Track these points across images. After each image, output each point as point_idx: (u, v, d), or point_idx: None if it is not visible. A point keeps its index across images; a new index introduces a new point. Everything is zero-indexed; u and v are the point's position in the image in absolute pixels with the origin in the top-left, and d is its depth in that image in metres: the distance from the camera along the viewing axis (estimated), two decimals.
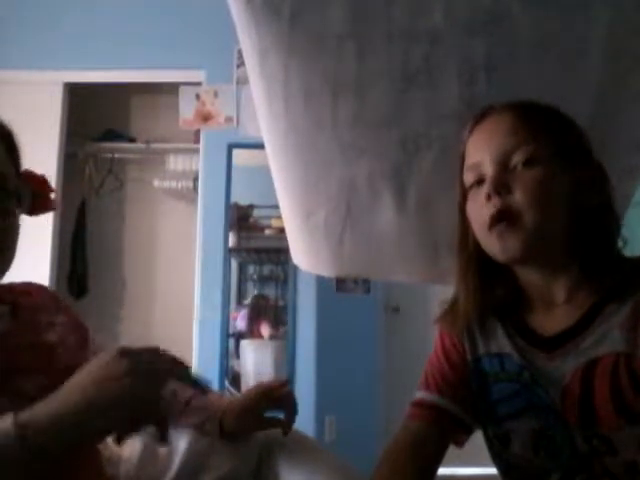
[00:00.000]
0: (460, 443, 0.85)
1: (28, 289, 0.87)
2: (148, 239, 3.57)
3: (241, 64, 2.77)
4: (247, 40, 0.95)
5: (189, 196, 3.36)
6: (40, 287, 0.91)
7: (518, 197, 0.72)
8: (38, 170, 0.84)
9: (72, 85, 3.06)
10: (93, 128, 3.53)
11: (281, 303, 2.95)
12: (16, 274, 0.81)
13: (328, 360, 2.80)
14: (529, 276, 0.79)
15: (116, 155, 3.53)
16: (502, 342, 0.80)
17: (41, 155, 2.84)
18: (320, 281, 2.77)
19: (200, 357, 2.78)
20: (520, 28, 0.85)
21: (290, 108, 0.95)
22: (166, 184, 3.38)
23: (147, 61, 2.97)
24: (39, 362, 0.76)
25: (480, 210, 0.76)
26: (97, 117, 3.54)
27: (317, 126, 0.95)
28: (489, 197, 0.74)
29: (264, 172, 1.15)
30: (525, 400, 0.77)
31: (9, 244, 0.75)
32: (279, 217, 1.17)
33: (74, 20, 3.00)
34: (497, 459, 0.83)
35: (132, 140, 3.57)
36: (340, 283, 2.89)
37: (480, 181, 0.77)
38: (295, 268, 2.57)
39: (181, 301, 3.13)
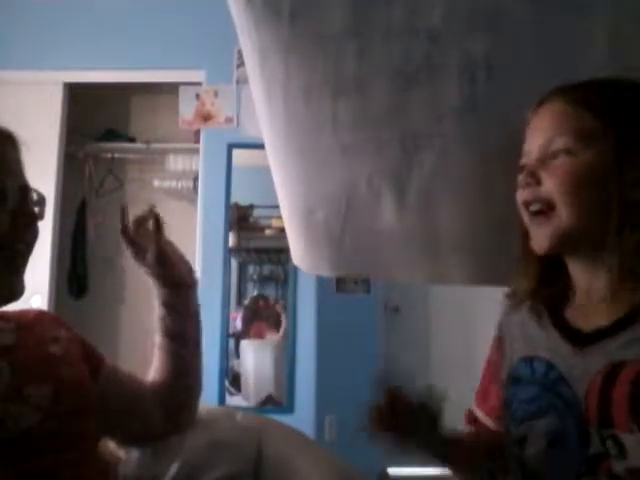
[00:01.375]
0: None
1: (28, 312, 0.90)
2: None
3: (241, 64, 2.76)
4: (247, 40, 0.95)
5: (189, 196, 3.35)
6: (40, 311, 0.94)
7: (545, 188, 0.72)
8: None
9: (72, 85, 3.06)
10: (93, 128, 3.52)
11: (281, 303, 2.95)
12: None
13: (328, 360, 2.80)
14: (573, 265, 0.78)
15: (116, 155, 3.53)
16: (536, 332, 0.79)
17: (41, 155, 2.84)
18: (320, 281, 2.77)
19: None
20: (520, 27, 0.85)
21: (290, 108, 0.95)
22: (166, 184, 3.38)
23: (147, 61, 2.96)
24: (45, 373, 0.79)
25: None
26: (97, 117, 3.54)
27: (317, 126, 0.95)
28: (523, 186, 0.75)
29: (264, 172, 1.15)
30: (547, 401, 0.75)
31: (32, 251, 0.79)
32: (279, 217, 1.16)
33: (74, 20, 3.00)
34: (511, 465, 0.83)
35: (132, 140, 3.56)
36: (340, 283, 2.89)
37: None
38: (295, 268, 2.57)
39: None
